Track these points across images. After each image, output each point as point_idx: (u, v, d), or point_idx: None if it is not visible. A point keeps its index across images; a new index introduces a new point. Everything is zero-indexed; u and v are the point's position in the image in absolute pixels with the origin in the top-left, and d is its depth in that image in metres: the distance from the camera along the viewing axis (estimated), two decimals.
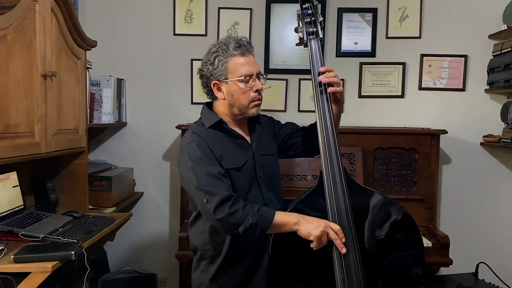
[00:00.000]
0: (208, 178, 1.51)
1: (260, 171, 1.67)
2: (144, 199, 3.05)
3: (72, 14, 2.09)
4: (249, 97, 1.60)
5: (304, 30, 1.65)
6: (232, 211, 1.46)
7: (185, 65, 2.97)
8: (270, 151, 1.75)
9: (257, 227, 1.46)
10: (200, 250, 1.69)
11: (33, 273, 1.57)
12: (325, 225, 1.46)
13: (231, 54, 1.59)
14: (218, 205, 1.47)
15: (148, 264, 2.99)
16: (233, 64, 1.59)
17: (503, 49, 2.69)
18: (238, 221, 1.46)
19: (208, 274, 1.67)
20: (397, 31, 2.90)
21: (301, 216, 1.49)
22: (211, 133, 1.63)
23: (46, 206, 2.23)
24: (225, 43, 1.60)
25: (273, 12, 2.92)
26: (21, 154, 1.76)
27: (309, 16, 1.64)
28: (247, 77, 1.59)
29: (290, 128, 1.85)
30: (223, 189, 1.49)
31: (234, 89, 1.60)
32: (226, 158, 1.60)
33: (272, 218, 1.47)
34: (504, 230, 2.91)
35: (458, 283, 2.23)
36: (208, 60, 1.62)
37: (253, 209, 1.47)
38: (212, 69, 1.61)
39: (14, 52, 1.69)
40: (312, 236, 1.44)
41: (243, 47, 1.60)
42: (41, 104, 1.88)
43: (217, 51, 1.60)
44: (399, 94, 2.93)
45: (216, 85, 1.63)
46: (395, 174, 2.67)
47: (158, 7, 2.95)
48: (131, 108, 3.01)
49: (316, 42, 1.64)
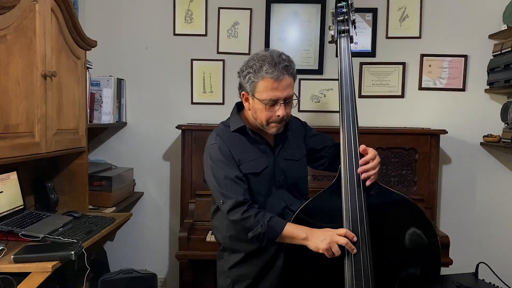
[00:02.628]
0: (226, 180, 1.59)
1: (280, 176, 1.70)
2: (144, 199, 3.05)
3: (72, 14, 2.09)
4: (268, 119, 1.62)
5: (335, 27, 1.67)
6: (244, 217, 1.54)
7: (185, 65, 2.97)
8: (296, 156, 1.77)
9: (264, 237, 1.53)
10: (220, 241, 1.77)
11: (33, 273, 1.57)
12: (331, 236, 1.47)
13: (262, 76, 1.56)
14: (231, 209, 1.56)
15: (148, 264, 2.99)
16: (261, 86, 1.57)
17: (503, 49, 2.69)
18: (249, 227, 1.55)
19: (229, 263, 1.74)
20: (397, 31, 2.90)
21: (310, 231, 1.51)
22: (234, 137, 1.68)
23: (46, 206, 2.23)
24: (261, 62, 1.57)
25: (273, 12, 2.92)
26: (21, 154, 1.75)
27: (342, 14, 1.66)
28: (271, 102, 1.58)
29: (321, 141, 1.86)
30: (238, 193, 1.57)
31: (257, 107, 1.62)
32: (245, 163, 1.64)
33: (280, 231, 1.52)
34: (504, 230, 2.92)
35: (458, 283, 2.22)
36: (242, 72, 1.65)
37: (265, 218, 1.53)
38: (243, 82, 1.64)
39: (14, 52, 1.69)
40: (320, 250, 1.47)
41: (277, 72, 1.55)
42: (41, 104, 1.88)
43: (252, 67, 1.58)
44: (399, 94, 2.93)
45: (244, 96, 1.67)
46: (395, 174, 2.67)
47: (158, 7, 2.95)
48: (131, 108, 3.01)
49: (346, 41, 1.65)
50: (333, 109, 2.95)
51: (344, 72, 1.64)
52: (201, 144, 2.68)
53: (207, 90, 2.97)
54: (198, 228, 2.54)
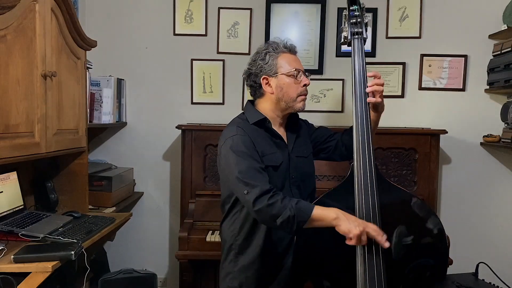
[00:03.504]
0: (250, 171, 1.55)
1: (294, 172, 1.71)
2: (144, 199, 3.05)
3: (72, 14, 2.09)
4: (297, 91, 1.68)
5: (349, 29, 1.71)
6: (271, 203, 1.48)
7: (185, 65, 2.97)
8: (305, 153, 1.79)
9: (294, 220, 1.47)
10: (230, 241, 1.73)
11: (33, 273, 1.57)
12: (365, 225, 1.46)
13: (281, 51, 1.69)
14: (258, 197, 1.50)
15: (148, 264, 2.99)
16: (283, 59, 1.68)
17: (503, 49, 2.69)
18: (276, 212, 1.48)
19: (237, 264, 1.71)
20: (397, 31, 2.90)
21: (341, 212, 1.48)
22: (254, 129, 1.67)
23: (46, 206, 2.23)
24: (275, 43, 1.72)
25: (273, 12, 2.92)
26: (21, 154, 1.76)
27: (355, 17, 1.71)
28: (296, 72, 1.67)
29: (323, 133, 1.91)
30: (263, 182, 1.54)
31: (283, 82, 1.67)
32: (267, 155, 1.65)
33: (310, 212, 1.47)
34: (504, 230, 2.91)
35: (458, 283, 2.22)
36: (259, 57, 1.70)
37: (292, 202, 1.49)
38: (263, 64, 1.68)
39: (14, 52, 1.69)
40: (352, 234, 1.43)
41: (292, 48, 1.72)
42: (41, 104, 1.88)
43: (267, 48, 1.70)
44: (399, 94, 2.93)
45: (265, 80, 1.69)
46: (395, 174, 2.67)
47: (158, 7, 2.95)
48: (131, 108, 3.01)
49: (359, 42, 1.69)
50: (333, 109, 2.95)
51: (358, 72, 1.66)
52: (201, 144, 2.68)
53: (207, 90, 2.97)
54: (198, 228, 2.54)
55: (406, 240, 1.56)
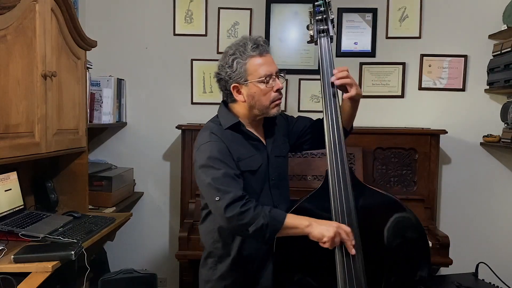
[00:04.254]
0: (224, 177, 1.49)
1: (273, 174, 1.66)
2: (144, 199, 3.05)
3: (72, 14, 2.09)
4: (270, 98, 1.58)
5: (315, 27, 1.63)
6: (243, 210, 1.44)
7: (185, 65, 2.97)
8: (283, 152, 1.74)
9: (267, 229, 1.44)
10: (209, 248, 1.69)
11: (33, 273, 1.57)
12: (337, 226, 1.44)
13: (249, 55, 1.55)
14: (230, 203, 1.45)
15: (148, 264, 2.99)
16: (252, 65, 1.56)
17: (503, 49, 2.69)
18: (249, 221, 1.44)
19: (216, 272, 1.67)
20: (397, 31, 2.90)
21: (313, 219, 1.47)
22: (228, 134, 1.60)
23: (46, 206, 2.23)
24: (242, 45, 1.57)
25: (273, 12, 2.92)
26: (21, 154, 1.76)
27: (321, 13, 1.62)
28: (267, 77, 1.56)
29: (303, 124, 1.82)
30: (237, 188, 1.48)
31: (254, 91, 1.57)
32: (244, 160, 1.59)
33: (283, 220, 1.45)
34: (504, 230, 2.91)
35: (458, 283, 2.22)
36: (226, 63, 1.58)
37: (265, 210, 1.46)
38: (231, 72, 1.57)
39: (14, 52, 1.69)
40: (325, 237, 1.42)
41: (260, 47, 1.57)
42: (41, 104, 1.88)
43: (235, 53, 1.57)
44: (399, 94, 2.93)
45: (235, 88, 1.59)
46: (395, 174, 2.67)
47: (158, 7, 2.95)
48: (131, 108, 3.01)
49: (326, 40, 1.62)
50: None
51: (327, 72, 1.59)
52: None
53: (207, 90, 2.97)
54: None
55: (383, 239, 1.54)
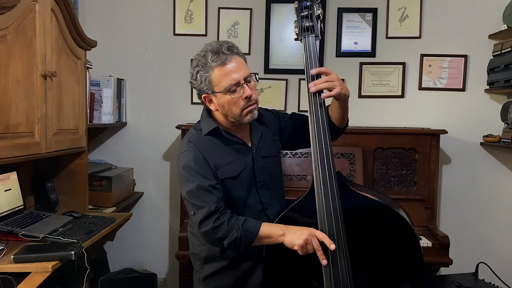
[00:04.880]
0: (198, 191, 1.49)
1: (260, 175, 1.62)
2: (144, 199, 3.05)
3: (72, 14, 2.09)
4: (240, 106, 1.52)
5: (300, 24, 1.52)
6: (217, 225, 1.45)
7: (185, 65, 2.95)
8: (272, 152, 1.70)
9: (241, 241, 1.45)
10: (195, 250, 1.69)
11: (33, 273, 1.57)
12: (310, 233, 1.41)
13: (211, 67, 1.49)
14: (203, 219, 1.47)
15: (148, 264, 2.99)
16: (216, 77, 1.50)
17: (503, 49, 2.69)
18: (222, 235, 1.45)
19: (202, 273, 1.67)
20: (397, 31, 2.90)
21: (286, 227, 1.45)
22: (207, 140, 1.58)
23: (46, 206, 2.23)
24: (203, 56, 1.51)
25: (273, 12, 2.92)
26: (21, 154, 1.75)
27: (306, 9, 1.51)
28: (232, 86, 1.49)
29: (295, 123, 1.77)
30: (211, 202, 1.48)
31: (223, 101, 1.52)
32: (222, 167, 1.56)
33: (257, 232, 1.45)
34: (504, 230, 2.91)
35: (458, 283, 2.22)
36: (192, 75, 1.56)
37: (238, 222, 1.45)
38: (198, 84, 1.54)
39: (14, 52, 1.69)
40: (296, 246, 1.40)
41: (222, 56, 1.48)
42: (41, 104, 1.88)
43: (198, 65, 1.53)
44: (399, 94, 2.93)
45: (206, 98, 1.57)
46: (395, 174, 2.67)
47: (158, 7, 2.95)
48: (131, 108, 3.01)
49: (312, 39, 1.51)
50: None
51: (310, 76, 1.50)
52: None
53: None
54: None
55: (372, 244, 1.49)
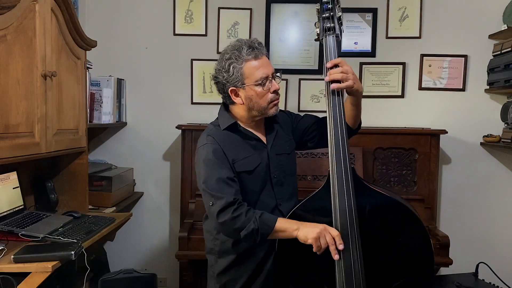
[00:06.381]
0: (217, 183, 1.54)
1: (275, 172, 1.68)
2: (144, 199, 3.05)
3: (72, 14, 2.09)
4: (267, 99, 1.60)
5: (321, 25, 1.61)
6: (235, 216, 1.50)
7: (185, 65, 2.97)
8: (287, 150, 1.75)
9: (258, 233, 1.49)
10: (209, 244, 1.74)
11: (33, 273, 1.57)
12: (323, 228, 1.45)
13: (245, 59, 1.58)
14: (222, 209, 1.51)
15: (148, 264, 3.00)
16: (248, 69, 1.58)
17: (503, 49, 2.69)
18: (240, 226, 1.49)
19: (216, 268, 1.71)
20: (397, 31, 2.90)
21: (301, 223, 1.50)
22: (226, 135, 1.64)
23: (46, 206, 2.23)
24: (238, 48, 1.59)
25: (273, 12, 2.92)
26: (21, 154, 1.75)
27: (328, 11, 1.60)
28: (263, 80, 1.58)
29: (308, 121, 1.82)
30: (229, 194, 1.53)
31: (251, 94, 1.59)
32: (239, 161, 1.62)
33: (273, 225, 1.50)
34: (504, 230, 2.91)
35: (458, 283, 2.22)
36: (223, 68, 1.61)
37: (256, 214, 1.50)
38: (228, 76, 1.60)
39: (14, 52, 1.69)
40: (309, 240, 1.44)
41: (255, 50, 1.58)
42: (41, 104, 1.87)
43: (231, 58, 1.59)
44: (399, 94, 2.93)
45: (233, 91, 1.62)
46: (395, 174, 2.67)
47: (158, 7, 2.95)
48: (131, 108, 3.01)
49: (332, 39, 1.59)
50: None
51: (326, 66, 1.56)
52: None
53: (207, 90, 2.97)
54: (198, 228, 2.53)
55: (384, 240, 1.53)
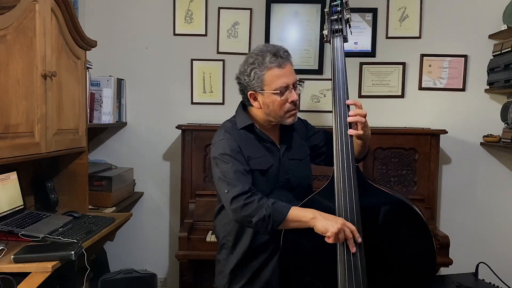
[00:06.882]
0: (234, 173, 1.57)
1: (283, 176, 1.69)
2: (144, 199, 3.05)
3: (72, 14, 2.09)
4: (284, 109, 1.62)
5: (329, 27, 1.64)
6: (247, 202, 1.50)
7: (185, 65, 2.97)
8: (300, 155, 1.76)
9: (270, 220, 1.48)
10: (222, 239, 1.75)
11: (33, 273, 1.57)
12: (343, 223, 1.46)
13: (267, 67, 1.59)
14: (236, 196, 1.52)
15: (148, 264, 2.99)
16: (269, 77, 1.59)
17: (503, 49, 2.69)
18: (252, 212, 1.49)
19: (228, 264, 1.72)
20: (397, 31, 2.90)
21: (318, 212, 1.49)
22: (242, 134, 1.67)
23: (46, 206, 2.23)
24: (262, 55, 1.60)
25: (273, 12, 2.92)
26: (21, 154, 1.75)
27: (337, 13, 1.63)
28: (283, 89, 1.59)
29: (320, 138, 1.85)
30: (245, 183, 1.55)
31: (269, 101, 1.61)
32: (254, 159, 1.64)
33: (286, 212, 1.49)
34: (504, 230, 2.91)
35: (458, 283, 2.22)
36: (245, 71, 1.63)
37: (268, 202, 1.51)
38: (249, 80, 1.62)
39: (14, 52, 1.69)
40: (329, 232, 1.43)
41: (279, 59, 1.59)
42: (41, 104, 1.88)
43: (254, 63, 1.61)
44: (399, 94, 2.93)
45: (252, 95, 1.65)
46: (395, 174, 2.68)
47: (158, 7, 2.95)
48: (131, 108, 3.01)
49: (339, 39, 1.62)
50: None
51: (337, 73, 1.60)
52: (201, 144, 2.68)
53: (207, 90, 2.97)
54: (198, 228, 2.54)
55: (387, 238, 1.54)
